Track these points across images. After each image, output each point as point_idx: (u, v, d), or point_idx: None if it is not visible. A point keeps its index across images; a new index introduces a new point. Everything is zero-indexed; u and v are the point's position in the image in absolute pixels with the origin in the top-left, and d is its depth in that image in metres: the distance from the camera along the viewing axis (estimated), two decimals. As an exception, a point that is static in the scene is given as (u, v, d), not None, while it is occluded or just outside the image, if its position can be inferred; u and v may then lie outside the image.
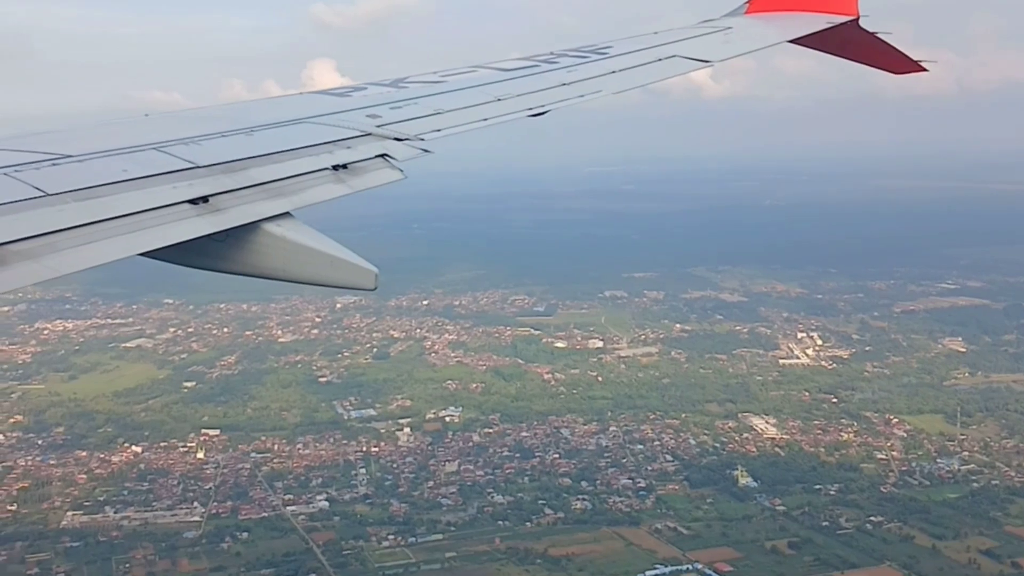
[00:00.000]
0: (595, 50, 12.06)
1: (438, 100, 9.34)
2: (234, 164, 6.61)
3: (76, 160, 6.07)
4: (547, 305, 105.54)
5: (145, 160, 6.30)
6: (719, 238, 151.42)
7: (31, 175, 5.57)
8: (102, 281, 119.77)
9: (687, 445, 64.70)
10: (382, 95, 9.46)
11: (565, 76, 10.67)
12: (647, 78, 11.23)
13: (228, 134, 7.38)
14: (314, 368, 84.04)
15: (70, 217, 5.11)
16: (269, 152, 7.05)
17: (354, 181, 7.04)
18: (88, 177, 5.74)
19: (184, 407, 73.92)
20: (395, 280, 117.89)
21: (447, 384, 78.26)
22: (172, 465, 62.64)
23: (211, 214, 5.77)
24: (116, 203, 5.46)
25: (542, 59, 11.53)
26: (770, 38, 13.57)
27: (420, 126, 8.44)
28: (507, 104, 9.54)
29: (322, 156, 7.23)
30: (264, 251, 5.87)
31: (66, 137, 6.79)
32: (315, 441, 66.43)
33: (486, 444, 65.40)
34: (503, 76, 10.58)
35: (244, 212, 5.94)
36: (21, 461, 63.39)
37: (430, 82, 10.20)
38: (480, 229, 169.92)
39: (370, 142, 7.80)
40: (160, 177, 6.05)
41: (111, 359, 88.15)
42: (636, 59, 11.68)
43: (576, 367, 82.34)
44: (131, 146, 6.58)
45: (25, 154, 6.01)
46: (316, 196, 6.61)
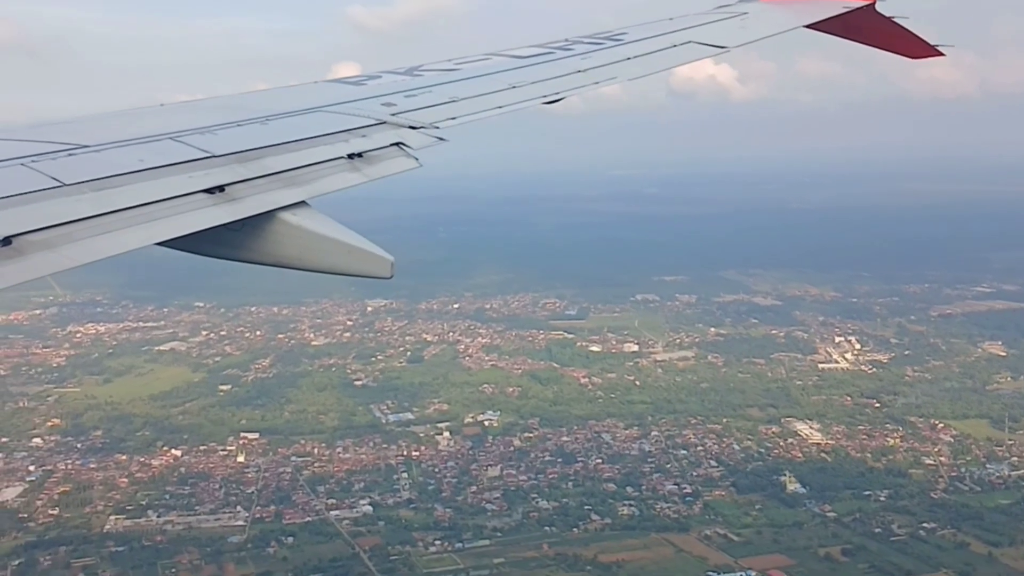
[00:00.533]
0: (610, 36, 11.95)
1: (453, 88, 9.30)
2: (250, 153, 6.61)
3: (92, 150, 6.08)
4: (579, 308, 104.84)
5: (161, 150, 6.32)
6: (748, 241, 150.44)
7: (48, 165, 5.58)
8: (132, 284, 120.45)
9: (731, 450, 63.83)
10: (397, 83, 9.44)
11: (580, 63, 10.56)
12: (662, 64, 11.09)
13: (243, 123, 7.37)
14: (349, 372, 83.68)
15: (87, 207, 5.12)
16: (284, 141, 7.03)
17: (369, 170, 7.04)
18: (104, 167, 5.74)
19: (221, 410, 73.67)
20: (425, 284, 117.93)
21: (483, 388, 77.67)
22: (213, 469, 62.31)
23: (227, 203, 5.77)
24: (132, 193, 5.47)
25: (556, 46, 11.42)
26: (786, 23, 13.33)
27: (435, 114, 8.42)
28: (522, 91, 9.44)
29: (337, 145, 7.24)
30: (280, 240, 5.85)
31: (82, 127, 6.78)
32: (355, 445, 65.93)
33: (527, 449, 64.71)
34: (518, 63, 10.49)
35: (260, 201, 5.92)
36: (61, 465, 63.18)
37: (445, 70, 10.16)
38: (505, 232, 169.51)
39: (385, 130, 7.79)
40: (176, 167, 6.04)
41: (145, 362, 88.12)
42: (651, 45, 11.54)
43: (612, 371, 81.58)
44: (147, 136, 6.59)
45: (42, 144, 6.00)
46: (332, 185, 6.61)
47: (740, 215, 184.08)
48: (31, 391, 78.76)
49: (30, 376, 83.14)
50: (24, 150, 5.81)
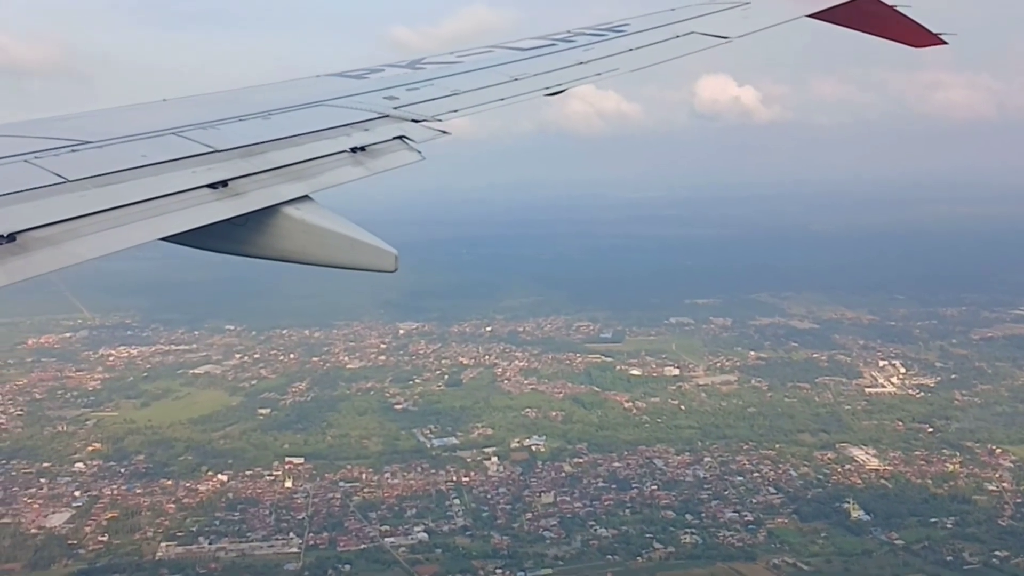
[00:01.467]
0: (612, 28, 11.96)
1: (455, 81, 9.28)
2: (252, 148, 6.61)
3: (96, 146, 6.08)
4: (614, 332, 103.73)
5: (164, 145, 6.32)
6: (775, 264, 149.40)
7: (51, 161, 5.58)
8: (161, 307, 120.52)
9: (788, 477, 62.50)
10: (399, 76, 9.45)
11: (582, 55, 10.56)
12: (664, 55, 11.08)
13: (246, 118, 7.36)
14: (387, 395, 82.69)
15: (90, 203, 5.13)
16: (287, 135, 7.06)
17: (372, 163, 7.04)
18: (108, 163, 5.75)
19: (263, 434, 72.71)
20: (454, 306, 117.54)
21: (526, 412, 76.55)
22: (261, 494, 61.27)
23: (230, 198, 5.80)
24: (136, 188, 5.49)
25: (559, 38, 11.43)
26: (788, 12, 13.27)
27: (437, 107, 8.41)
28: (524, 84, 9.44)
29: (340, 139, 7.25)
30: (284, 234, 5.87)
31: (85, 123, 6.80)
32: (402, 470, 64.81)
33: (579, 474, 63.50)
34: (520, 56, 10.46)
35: (263, 196, 5.96)
36: (107, 490, 62.22)
37: (447, 63, 10.15)
38: (529, 254, 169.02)
39: (388, 124, 7.80)
40: (179, 162, 6.06)
41: (181, 385, 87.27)
42: (653, 36, 11.57)
43: (655, 395, 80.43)
44: (150, 131, 6.58)
45: (45, 140, 5.98)
46: (334, 179, 6.63)
47: (763, 237, 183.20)
48: (68, 415, 77.91)
49: (66, 400, 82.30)
50: (27, 146, 5.81)
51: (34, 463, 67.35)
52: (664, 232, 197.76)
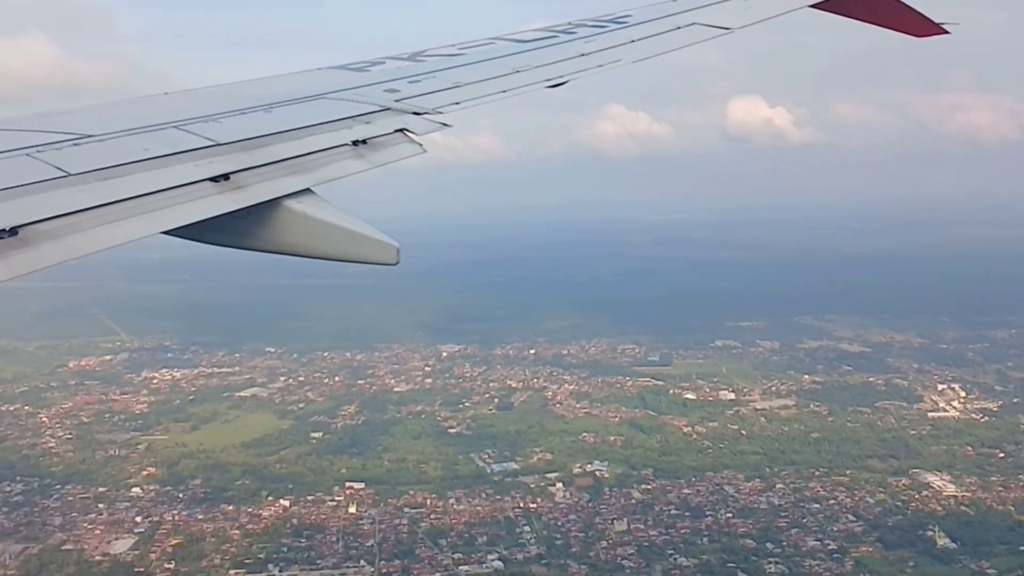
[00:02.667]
0: (613, 19, 11.86)
1: (456, 73, 9.24)
2: (254, 141, 6.58)
3: (97, 140, 6.06)
4: (660, 355, 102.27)
5: (165, 139, 6.31)
6: (812, 287, 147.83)
7: (52, 155, 5.59)
8: (198, 329, 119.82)
9: (866, 504, 60.79)
10: (400, 69, 9.37)
11: (583, 47, 10.48)
12: (666, 46, 11.02)
13: (247, 111, 7.33)
14: (439, 419, 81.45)
15: (92, 197, 5.13)
16: (288, 128, 7.01)
17: (374, 156, 7.03)
18: (109, 157, 5.74)
19: (318, 459, 71.52)
20: (495, 328, 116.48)
21: (583, 437, 75.16)
22: (325, 520, 59.95)
23: (232, 191, 5.80)
24: (137, 182, 5.50)
25: (560, 29, 11.33)
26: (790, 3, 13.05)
27: (439, 99, 8.36)
28: (526, 76, 9.37)
29: (341, 132, 7.22)
30: (286, 228, 5.85)
31: (87, 117, 6.78)
32: (466, 496, 63.43)
33: (649, 501, 61.95)
34: (521, 48, 10.39)
35: (265, 189, 5.95)
36: (167, 516, 61.05)
37: (448, 55, 10.08)
38: (561, 277, 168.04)
39: (389, 116, 7.76)
40: (181, 155, 6.04)
41: (228, 409, 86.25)
42: (655, 28, 11.49)
43: (713, 420, 78.88)
44: (151, 125, 6.56)
45: (46, 135, 5.97)
46: (336, 172, 6.61)
47: (796, 259, 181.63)
48: (119, 439, 76.98)
49: (114, 423, 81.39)
50: (29, 140, 5.78)
51: (89, 488, 66.32)
52: (693, 254, 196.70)
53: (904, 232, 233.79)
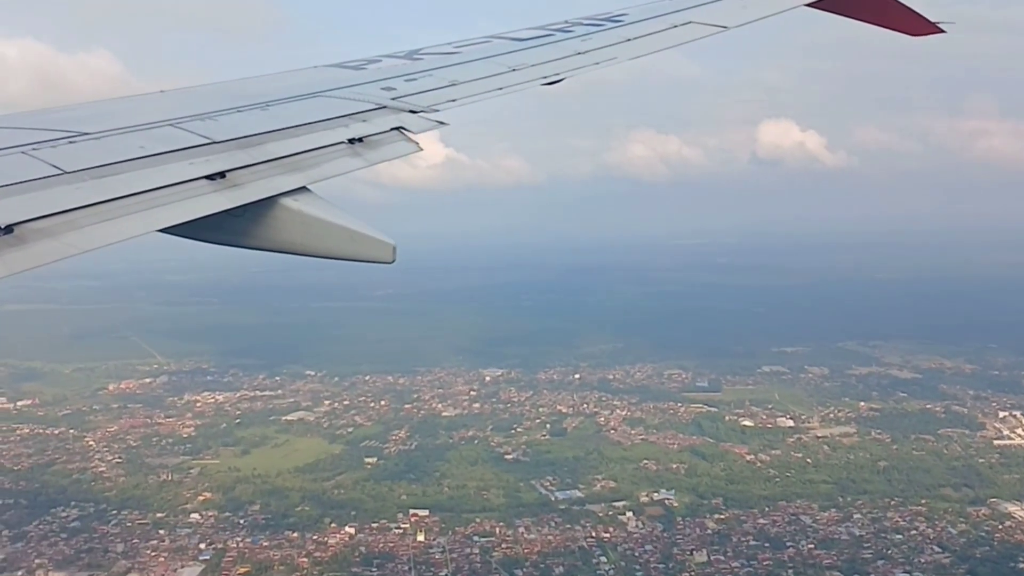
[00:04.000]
0: (609, 18, 11.91)
1: (453, 71, 9.24)
2: (250, 139, 6.57)
3: (93, 138, 6.04)
4: (708, 380, 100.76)
5: (162, 136, 6.30)
6: (848, 311, 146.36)
7: (48, 153, 5.58)
8: (235, 352, 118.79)
9: (948, 534, 59.06)
10: (397, 67, 9.33)
11: (579, 45, 10.53)
12: (662, 44, 11.03)
13: (244, 109, 7.29)
14: (492, 444, 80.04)
15: (88, 195, 5.13)
16: (285, 127, 7.00)
17: (370, 154, 7.04)
18: (105, 154, 5.74)
19: (376, 485, 70.07)
20: (535, 353, 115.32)
21: (644, 464, 73.59)
22: (394, 548, 58.46)
23: (228, 189, 5.81)
24: (134, 180, 5.49)
25: (556, 28, 11.35)
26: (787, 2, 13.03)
27: (435, 98, 8.36)
28: (522, 73, 9.38)
29: (338, 130, 7.22)
30: (282, 226, 5.87)
31: (83, 115, 6.70)
32: (535, 524, 61.86)
33: (725, 531, 60.29)
34: (518, 46, 10.40)
35: (261, 187, 5.97)
36: (231, 543, 59.63)
37: (445, 53, 10.07)
38: (592, 301, 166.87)
39: (385, 115, 7.75)
40: (177, 153, 6.05)
41: (276, 432, 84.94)
42: (651, 26, 11.53)
43: (775, 447, 77.27)
44: (147, 123, 6.53)
45: (42, 132, 5.95)
46: (332, 170, 6.62)
47: (828, 284, 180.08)
48: (170, 463, 75.71)
49: (163, 447, 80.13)
50: (25, 138, 5.76)
51: (147, 513, 64.97)
52: (721, 279, 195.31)
53: (930, 255, 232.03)
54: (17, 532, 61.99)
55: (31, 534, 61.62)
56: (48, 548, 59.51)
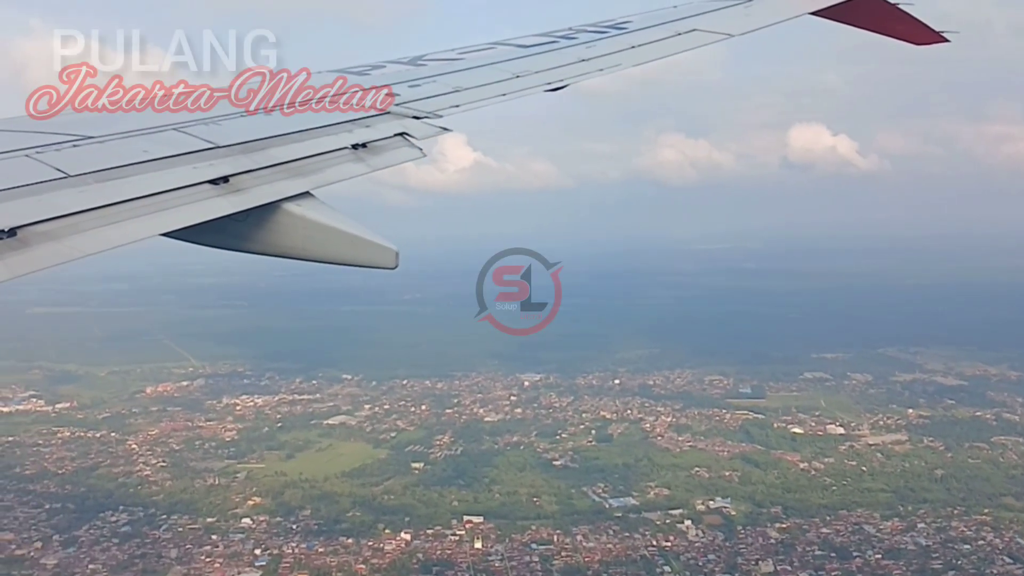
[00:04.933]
0: (614, 25, 11.94)
1: (457, 77, 9.24)
2: (254, 144, 6.55)
3: (97, 141, 6.05)
4: (751, 387, 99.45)
5: (165, 140, 6.29)
6: (885, 317, 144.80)
7: (52, 156, 5.57)
8: (269, 355, 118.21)
9: (1018, 545, 57.73)
10: (401, 73, 9.38)
11: (584, 52, 10.57)
12: (666, 51, 11.09)
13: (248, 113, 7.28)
14: (538, 450, 79.08)
15: (92, 198, 5.14)
16: (288, 132, 6.97)
17: (373, 160, 7.02)
18: (109, 158, 5.74)
19: (426, 491, 69.23)
20: (571, 358, 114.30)
21: (696, 472, 72.45)
22: (452, 556, 57.60)
23: (232, 194, 5.82)
24: (137, 184, 5.51)
25: (560, 35, 11.37)
26: (791, 10, 13.18)
27: (439, 103, 8.36)
28: (526, 80, 9.39)
29: (341, 135, 7.21)
30: (285, 231, 5.88)
31: (87, 119, 6.71)
32: (592, 532, 60.88)
33: (789, 541, 59.14)
34: (522, 53, 10.43)
35: (264, 192, 5.97)
36: (286, 548, 58.90)
37: (448, 59, 10.09)
38: (620, 306, 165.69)
39: (389, 120, 7.77)
40: (181, 157, 6.04)
41: (319, 437, 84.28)
42: (655, 34, 11.56)
43: (827, 455, 75.99)
44: (151, 127, 6.54)
45: (46, 135, 5.96)
46: (336, 175, 6.62)
47: (858, 289, 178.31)
48: (214, 467, 75.15)
49: (206, 451, 79.55)
50: (28, 141, 5.80)
51: (197, 518, 64.31)
52: (752, 284, 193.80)
53: (956, 261, 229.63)
54: (68, 537, 61.39)
55: (82, 539, 61.05)
56: (101, 553, 58.94)
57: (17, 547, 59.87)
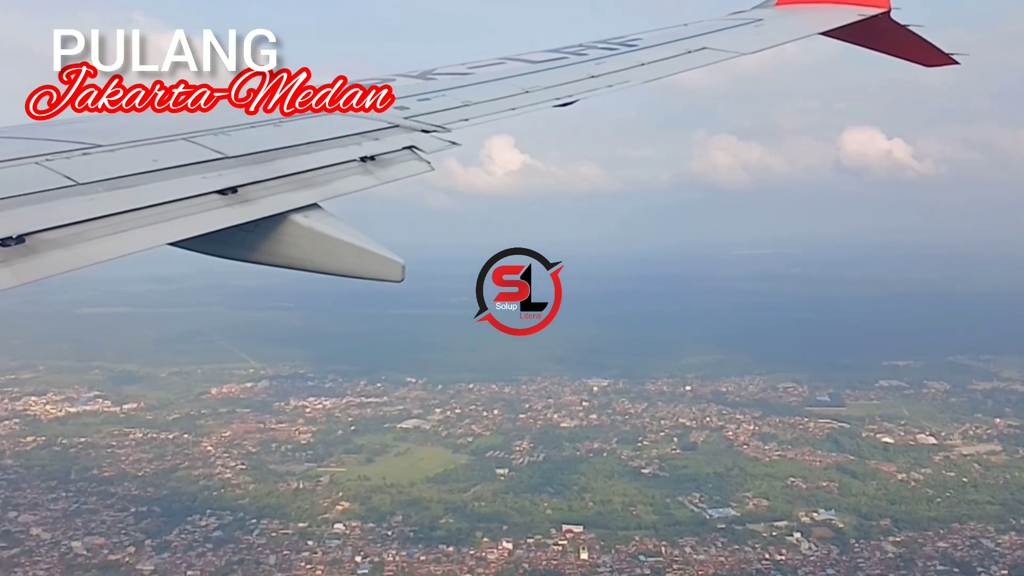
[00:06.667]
0: (624, 42, 11.87)
1: (466, 92, 9.25)
2: (263, 155, 6.59)
3: (106, 150, 6.04)
4: (828, 395, 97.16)
5: (175, 150, 6.29)
6: (946, 324, 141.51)
7: (62, 164, 5.57)
8: (327, 357, 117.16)
9: None
10: (410, 87, 9.34)
11: (593, 68, 10.59)
12: (675, 69, 11.06)
13: (257, 124, 7.28)
14: (622, 457, 77.24)
15: (100, 206, 5.15)
16: (297, 143, 6.97)
17: (382, 173, 7.03)
18: (118, 167, 5.74)
19: (516, 498, 67.61)
20: (635, 363, 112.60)
21: (792, 482, 70.38)
22: (559, 567, 55.93)
23: (240, 204, 5.83)
24: (146, 193, 5.52)
25: (570, 51, 11.36)
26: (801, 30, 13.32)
27: (448, 117, 8.39)
28: (535, 95, 9.41)
29: (350, 147, 7.20)
30: (292, 242, 5.89)
31: (97, 127, 6.66)
32: (699, 544, 58.93)
33: (907, 555, 56.99)
34: (531, 68, 10.45)
35: (272, 203, 5.98)
36: (386, 556, 57.40)
37: (458, 74, 10.06)
38: (673, 310, 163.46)
39: (397, 134, 7.76)
40: (189, 167, 6.06)
41: (394, 441, 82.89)
42: (665, 51, 11.52)
43: (924, 466, 73.69)
44: (161, 136, 6.54)
45: (56, 143, 5.94)
46: (344, 187, 6.60)
47: (914, 296, 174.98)
48: (295, 470, 73.97)
49: (284, 454, 78.36)
50: (38, 149, 5.78)
51: (287, 523, 63.03)
52: (803, 291, 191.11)
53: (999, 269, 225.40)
54: (160, 542, 60.22)
55: (174, 544, 59.85)
56: (197, 559, 57.70)
57: (110, 552, 58.72)
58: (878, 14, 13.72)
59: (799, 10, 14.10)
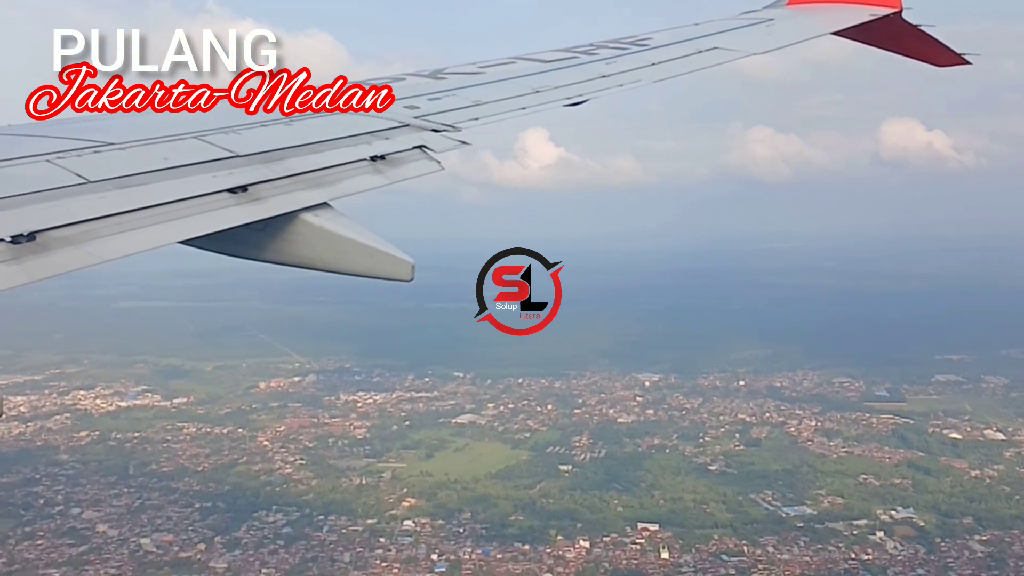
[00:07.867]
0: (635, 42, 11.87)
1: (477, 91, 9.22)
2: (273, 154, 6.59)
3: (117, 148, 6.04)
4: (886, 389, 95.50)
5: (186, 149, 6.29)
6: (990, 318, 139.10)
7: (73, 162, 5.57)
8: (371, 352, 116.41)
9: None
10: (421, 86, 9.35)
11: (604, 68, 10.56)
12: (686, 69, 11.03)
13: (267, 123, 7.29)
14: (686, 454, 75.90)
15: (111, 204, 5.15)
16: (308, 142, 6.99)
17: (392, 172, 7.02)
18: (129, 165, 5.73)
19: (584, 495, 66.45)
20: (683, 358, 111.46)
21: (864, 479, 68.91)
22: (640, 566, 54.78)
23: (250, 203, 5.83)
24: (157, 191, 5.52)
25: (581, 51, 11.35)
26: (813, 30, 13.22)
27: (458, 117, 8.35)
28: (546, 95, 9.40)
29: (360, 147, 7.20)
30: (302, 241, 5.91)
31: (108, 125, 6.65)
32: (781, 544, 57.59)
33: (996, 555, 55.49)
34: (542, 68, 10.42)
35: (283, 202, 5.99)
36: (462, 554, 56.40)
37: (469, 73, 10.03)
38: (714, 305, 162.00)
39: (408, 133, 7.75)
40: (200, 166, 6.06)
41: (451, 436, 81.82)
42: (676, 51, 11.49)
43: (995, 462, 72.07)
44: (172, 134, 6.53)
45: (67, 141, 5.94)
46: (354, 187, 6.61)
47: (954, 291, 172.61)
48: (355, 465, 73.15)
49: (341, 449, 77.51)
50: (50, 147, 5.77)
51: (355, 519, 62.16)
52: (839, 284, 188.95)
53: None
54: (229, 538, 59.43)
55: (244, 541, 59.08)
56: (270, 556, 56.91)
57: (180, 549, 57.95)
58: (890, 14, 13.69)
59: (810, 10, 14.12)
